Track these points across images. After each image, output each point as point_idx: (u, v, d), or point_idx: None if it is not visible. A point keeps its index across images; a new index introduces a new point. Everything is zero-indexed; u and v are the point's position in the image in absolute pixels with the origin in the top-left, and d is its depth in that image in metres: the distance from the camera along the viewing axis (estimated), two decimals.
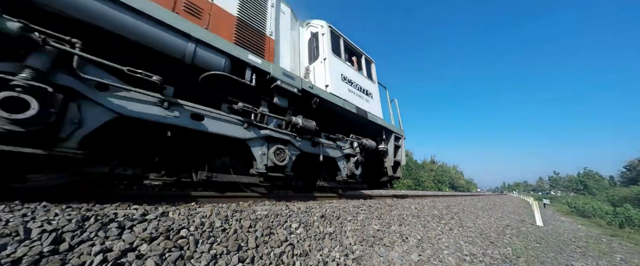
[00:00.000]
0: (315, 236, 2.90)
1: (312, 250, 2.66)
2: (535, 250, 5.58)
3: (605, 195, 32.49)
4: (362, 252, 2.99)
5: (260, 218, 2.78)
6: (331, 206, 4.19)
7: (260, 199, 3.89)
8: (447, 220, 5.90)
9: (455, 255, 3.84)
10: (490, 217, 8.34)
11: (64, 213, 1.88)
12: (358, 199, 5.77)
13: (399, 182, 33.04)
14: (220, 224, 2.39)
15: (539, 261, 4.78)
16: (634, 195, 23.82)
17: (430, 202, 7.51)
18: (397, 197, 7.60)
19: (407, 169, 35.92)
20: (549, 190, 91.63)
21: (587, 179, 72.82)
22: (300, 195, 4.94)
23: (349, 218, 3.77)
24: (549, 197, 48.66)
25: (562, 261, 5.06)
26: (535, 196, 51.42)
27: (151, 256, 1.72)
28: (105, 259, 1.59)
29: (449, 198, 10.29)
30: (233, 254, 2.08)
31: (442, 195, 12.67)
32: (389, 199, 6.63)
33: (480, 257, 4.07)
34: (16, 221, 1.66)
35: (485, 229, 6.35)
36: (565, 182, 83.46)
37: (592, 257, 5.82)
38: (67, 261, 1.50)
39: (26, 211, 1.82)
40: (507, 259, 4.43)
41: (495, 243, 5.28)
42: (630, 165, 57.64)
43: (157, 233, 1.94)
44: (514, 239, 6.25)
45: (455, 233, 5.04)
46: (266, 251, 2.31)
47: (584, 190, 68.80)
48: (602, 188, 53.31)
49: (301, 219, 3.11)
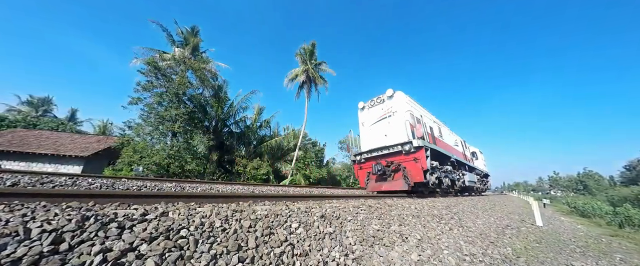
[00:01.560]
0: (315, 236, 2.90)
1: (312, 250, 2.66)
2: (535, 250, 5.58)
3: (605, 195, 32.48)
4: (362, 252, 2.99)
5: (260, 218, 2.78)
6: (331, 206, 4.18)
7: (260, 199, 3.89)
8: (447, 220, 5.89)
9: (455, 255, 3.84)
10: (490, 217, 8.34)
11: (64, 213, 1.88)
12: (358, 199, 5.78)
13: None
14: (220, 224, 2.39)
15: (538, 261, 4.78)
16: (634, 195, 23.80)
17: (430, 202, 7.51)
18: (398, 196, 7.60)
19: None
20: (549, 190, 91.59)
21: (587, 179, 72.81)
22: (300, 196, 4.94)
23: (348, 218, 3.77)
24: (549, 197, 48.67)
25: (562, 261, 5.06)
26: (535, 196, 51.40)
27: (151, 256, 1.72)
28: (105, 259, 1.59)
29: (449, 198, 10.28)
30: (233, 254, 2.08)
31: (441, 195, 12.65)
32: (388, 199, 6.63)
33: (480, 257, 4.07)
34: (16, 221, 1.66)
35: (485, 229, 6.35)
36: (565, 182, 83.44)
37: (592, 257, 5.81)
38: (67, 261, 1.50)
39: (26, 211, 1.82)
40: (507, 259, 4.42)
41: (495, 243, 5.27)
42: (630, 165, 57.58)
43: (157, 233, 1.94)
44: (514, 239, 6.25)
45: (455, 233, 5.03)
46: (266, 251, 2.31)
47: (583, 190, 68.76)
48: (602, 188, 53.26)
49: (301, 219, 3.11)
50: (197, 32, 20.65)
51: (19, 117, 28.04)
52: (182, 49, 19.47)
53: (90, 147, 17.98)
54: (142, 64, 16.35)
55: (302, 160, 25.68)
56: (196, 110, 18.83)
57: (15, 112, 30.99)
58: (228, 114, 22.01)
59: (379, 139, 9.45)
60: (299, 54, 24.64)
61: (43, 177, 5.05)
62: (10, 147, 15.80)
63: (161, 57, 18.31)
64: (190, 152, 16.90)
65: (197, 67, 17.94)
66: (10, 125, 24.21)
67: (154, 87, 15.92)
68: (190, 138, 17.34)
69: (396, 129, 8.96)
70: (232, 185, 8.51)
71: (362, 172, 9.81)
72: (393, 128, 9.12)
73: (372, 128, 9.97)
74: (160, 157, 14.58)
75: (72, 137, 19.81)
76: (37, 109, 33.37)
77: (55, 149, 16.73)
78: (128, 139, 15.41)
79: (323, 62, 25.20)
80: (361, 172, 9.91)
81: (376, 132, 9.75)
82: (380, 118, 9.72)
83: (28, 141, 17.36)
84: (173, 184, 6.66)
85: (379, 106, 9.94)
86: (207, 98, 20.70)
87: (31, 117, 29.90)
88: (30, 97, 33.59)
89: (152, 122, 15.48)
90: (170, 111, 15.77)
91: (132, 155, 14.40)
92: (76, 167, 16.61)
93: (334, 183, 29.57)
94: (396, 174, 8.51)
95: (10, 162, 15.43)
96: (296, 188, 11.07)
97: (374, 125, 9.92)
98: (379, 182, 8.94)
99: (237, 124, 22.90)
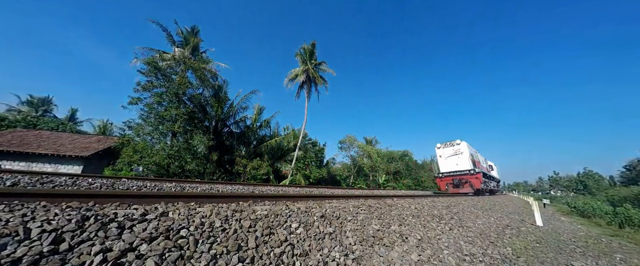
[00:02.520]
0: (315, 236, 2.90)
1: (312, 250, 2.65)
2: (535, 250, 5.58)
3: (605, 195, 32.47)
4: (362, 252, 2.99)
5: (260, 218, 2.78)
6: (331, 206, 4.18)
7: (260, 199, 3.89)
8: (447, 220, 5.89)
9: (455, 254, 3.84)
10: (490, 217, 8.34)
11: (64, 213, 1.88)
12: (358, 199, 5.77)
13: (399, 182, 33.18)
14: (220, 224, 2.39)
15: (538, 261, 4.78)
16: (634, 195, 23.80)
17: (430, 202, 7.51)
18: (397, 196, 7.60)
19: (406, 169, 35.95)
20: (549, 190, 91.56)
21: (587, 179, 72.75)
22: (300, 196, 4.94)
23: (348, 218, 3.76)
24: (549, 197, 48.64)
25: (562, 261, 5.06)
26: (535, 196, 51.38)
27: (151, 256, 1.72)
28: (105, 259, 1.59)
29: (449, 198, 10.28)
30: (233, 254, 2.08)
31: (442, 195, 12.66)
32: (388, 199, 6.63)
33: (480, 257, 4.07)
34: (16, 221, 1.66)
35: (485, 229, 6.35)
36: (565, 182, 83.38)
37: (591, 257, 5.81)
38: (67, 261, 1.50)
39: (26, 211, 1.82)
40: (507, 259, 4.42)
41: (495, 243, 5.27)
42: (630, 165, 57.55)
43: (157, 233, 1.94)
44: (514, 239, 6.25)
45: (455, 233, 5.03)
46: (266, 251, 2.31)
47: (583, 190, 68.72)
48: (602, 188, 53.24)
49: (301, 219, 3.11)
50: (197, 32, 20.65)
51: (19, 117, 28.02)
52: (182, 49, 19.46)
53: (90, 147, 17.97)
54: (142, 63, 16.35)
55: (302, 160, 25.67)
56: (196, 110, 18.82)
57: (15, 112, 30.98)
58: (228, 114, 21.99)
59: (452, 166, 18.45)
60: (299, 54, 24.63)
61: (43, 177, 5.05)
62: (10, 147, 15.80)
63: (161, 57, 18.31)
64: (190, 152, 16.89)
65: (197, 67, 17.93)
66: (10, 125, 24.20)
67: (154, 87, 15.91)
68: (190, 138, 17.33)
69: (463, 162, 17.88)
70: (232, 185, 8.51)
71: (442, 183, 18.98)
72: (461, 161, 18.02)
73: (447, 160, 18.83)
74: (160, 157, 14.57)
75: (72, 137, 19.81)
76: (37, 109, 33.37)
77: (55, 149, 16.72)
78: (128, 139, 15.39)
79: (323, 62, 25.19)
80: (441, 182, 19.09)
81: (450, 162, 18.58)
82: (452, 155, 18.61)
83: (28, 141, 17.35)
84: (173, 184, 6.66)
85: (450, 147, 18.83)
86: (207, 98, 20.68)
87: (31, 117, 29.88)
88: (30, 97, 33.57)
89: (152, 122, 15.47)
90: (170, 111, 15.76)
91: (132, 155, 14.39)
92: (76, 167, 16.60)
93: (334, 183, 29.56)
94: (465, 184, 17.65)
95: (10, 162, 15.42)
96: (296, 188, 11.08)
97: (448, 158, 18.78)
98: (455, 188, 17.94)
99: (237, 124, 22.89)
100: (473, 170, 17.20)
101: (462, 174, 17.79)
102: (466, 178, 17.51)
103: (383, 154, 35.04)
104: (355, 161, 32.93)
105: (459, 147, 18.53)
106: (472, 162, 17.70)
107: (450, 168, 18.59)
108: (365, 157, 32.61)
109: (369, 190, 15.02)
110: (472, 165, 17.47)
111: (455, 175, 18.15)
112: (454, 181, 17.92)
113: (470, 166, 17.43)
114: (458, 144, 18.62)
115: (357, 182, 31.64)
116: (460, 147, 18.45)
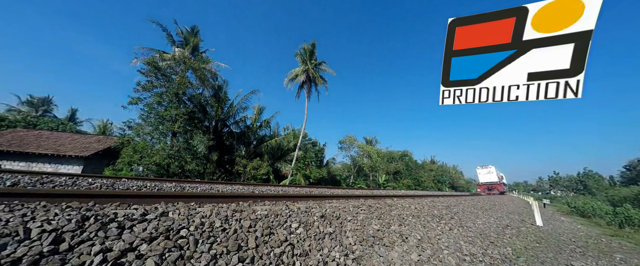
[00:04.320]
0: (315, 236, 2.90)
1: (312, 250, 2.66)
2: (535, 250, 5.58)
3: (605, 194, 32.48)
4: (362, 252, 2.99)
5: (260, 218, 2.78)
6: (331, 206, 4.18)
7: (260, 199, 3.89)
8: (447, 220, 5.89)
9: (455, 255, 3.84)
10: (490, 217, 8.34)
11: (64, 213, 1.88)
12: (358, 199, 5.78)
13: (399, 182, 33.21)
14: (220, 224, 2.39)
15: (538, 261, 4.78)
16: (634, 195, 23.80)
17: (430, 202, 7.51)
18: (397, 196, 7.60)
19: (406, 169, 35.97)
20: (549, 190, 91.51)
21: (587, 179, 72.70)
22: (300, 196, 4.94)
23: (348, 218, 3.77)
24: (549, 197, 48.64)
25: (562, 261, 5.06)
26: (535, 196, 51.38)
27: (151, 256, 1.72)
28: (105, 259, 1.59)
29: (449, 198, 10.29)
30: (233, 254, 2.08)
31: (442, 195, 12.67)
32: (388, 199, 6.63)
33: (480, 257, 4.07)
34: (16, 221, 1.66)
35: (485, 229, 6.35)
36: (565, 182, 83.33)
37: (591, 257, 5.81)
38: (67, 261, 1.50)
39: (26, 211, 1.82)
40: (507, 259, 4.43)
41: (495, 243, 5.28)
42: (630, 165, 57.55)
43: (157, 233, 1.94)
44: (514, 239, 6.25)
45: (455, 233, 5.03)
46: (266, 251, 2.31)
47: (583, 190, 68.69)
48: (602, 188, 53.22)
49: (301, 219, 3.11)
50: (197, 32, 20.63)
51: (19, 117, 28.00)
52: (182, 48, 19.46)
53: (90, 147, 17.97)
54: (142, 63, 16.35)
55: (302, 160, 25.66)
56: (196, 110, 18.81)
57: (15, 112, 30.97)
58: (228, 114, 21.98)
59: (486, 179, 41.22)
60: (299, 54, 24.62)
61: (43, 177, 5.05)
62: (10, 147, 15.80)
63: (161, 57, 18.29)
64: (190, 152, 16.88)
65: (197, 67, 17.92)
66: (10, 125, 24.19)
67: (154, 87, 15.91)
68: (190, 138, 17.32)
69: (493, 177, 40.69)
70: (232, 185, 8.51)
71: (480, 188, 40.76)
72: (491, 177, 40.83)
73: (484, 176, 41.50)
74: (160, 157, 14.57)
75: (72, 137, 19.81)
76: (37, 109, 33.36)
77: (55, 149, 16.73)
78: (128, 139, 15.39)
79: (323, 62, 25.19)
80: (480, 187, 40.92)
81: (485, 177, 41.33)
82: (487, 173, 41.59)
83: (28, 141, 17.35)
84: (173, 184, 6.66)
85: (486, 168, 42.02)
86: (207, 98, 20.67)
87: (31, 117, 29.88)
88: (30, 97, 33.57)
89: (152, 122, 15.46)
90: (170, 111, 15.75)
91: (132, 155, 14.39)
92: (76, 167, 16.60)
93: (334, 183, 29.56)
94: (493, 190, 39.57)
95: (10, 162, 15.42)
96: (296, 188, 11.08)
97: (485, 174, 41.58)
98: (488, 191, 38.73)
99: (237, 124, 22.88)
100: (498, 182, 38.99)
101: (492, 183, 39.21)
102: (494, 186, 38.86)
103: (383, 154, 35.06)
104: (355, 161, 32.94)
105: (490, 168, 40.77)
106: (498, 177, 39.72)
107: (485, 180, 40.19)
108: (365, 157, 32.63)
109: (369, 190, 15.02)
110: (498, 179, 39.41)
111: (488, 184, 39.45)
112: (488, 187, 38.99)
113: (497, 179, 39.38)
114: (490, 167, 40.90)
115: (357, 182, 31.65)
116: (491, 168, 40.71)
